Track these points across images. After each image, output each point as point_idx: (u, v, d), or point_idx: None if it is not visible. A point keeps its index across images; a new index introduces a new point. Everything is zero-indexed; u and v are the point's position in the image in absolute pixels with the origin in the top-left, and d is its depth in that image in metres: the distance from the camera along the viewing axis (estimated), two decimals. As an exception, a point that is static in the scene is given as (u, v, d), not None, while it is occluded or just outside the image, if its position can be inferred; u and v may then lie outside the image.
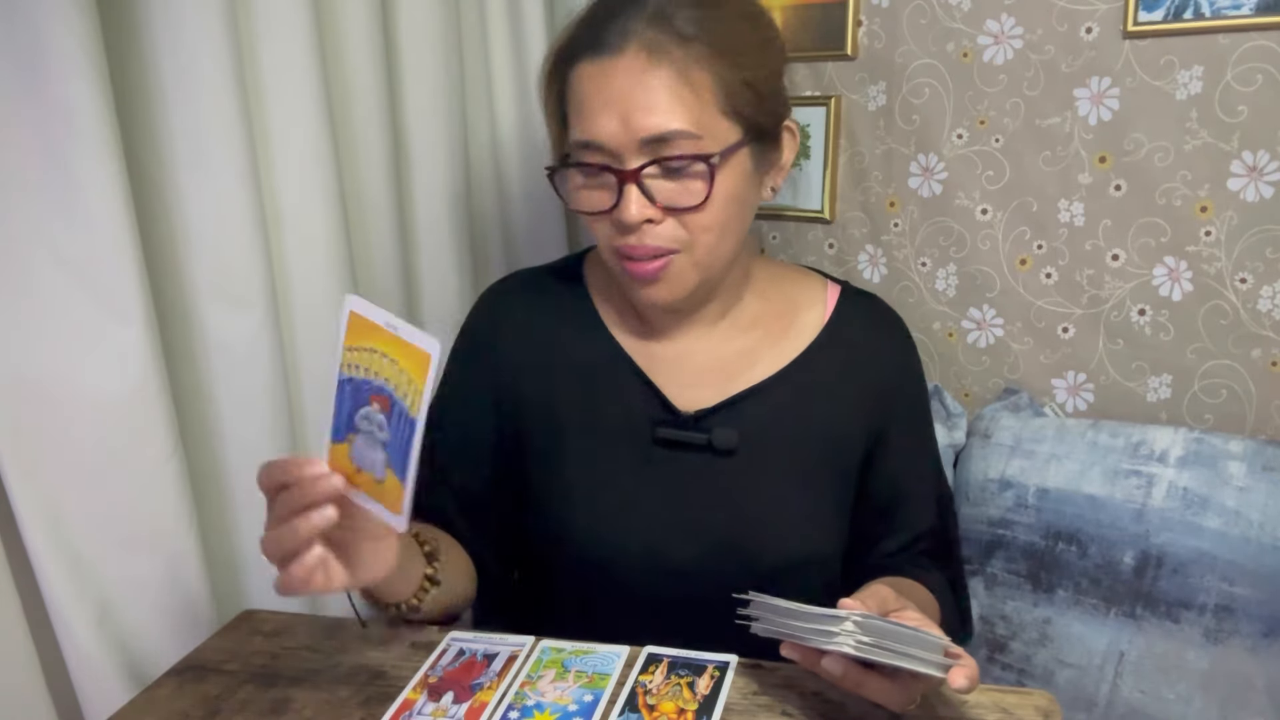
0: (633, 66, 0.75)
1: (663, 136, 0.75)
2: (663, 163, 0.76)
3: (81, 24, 0.68)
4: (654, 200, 0.77)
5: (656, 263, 0.79)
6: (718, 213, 0.78)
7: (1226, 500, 0.99)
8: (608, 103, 0.76)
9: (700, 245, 0.80)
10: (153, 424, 0.78)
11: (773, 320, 0.91)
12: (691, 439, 0.85)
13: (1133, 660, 1.01)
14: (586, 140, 0.77)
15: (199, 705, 0.72)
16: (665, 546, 0.85)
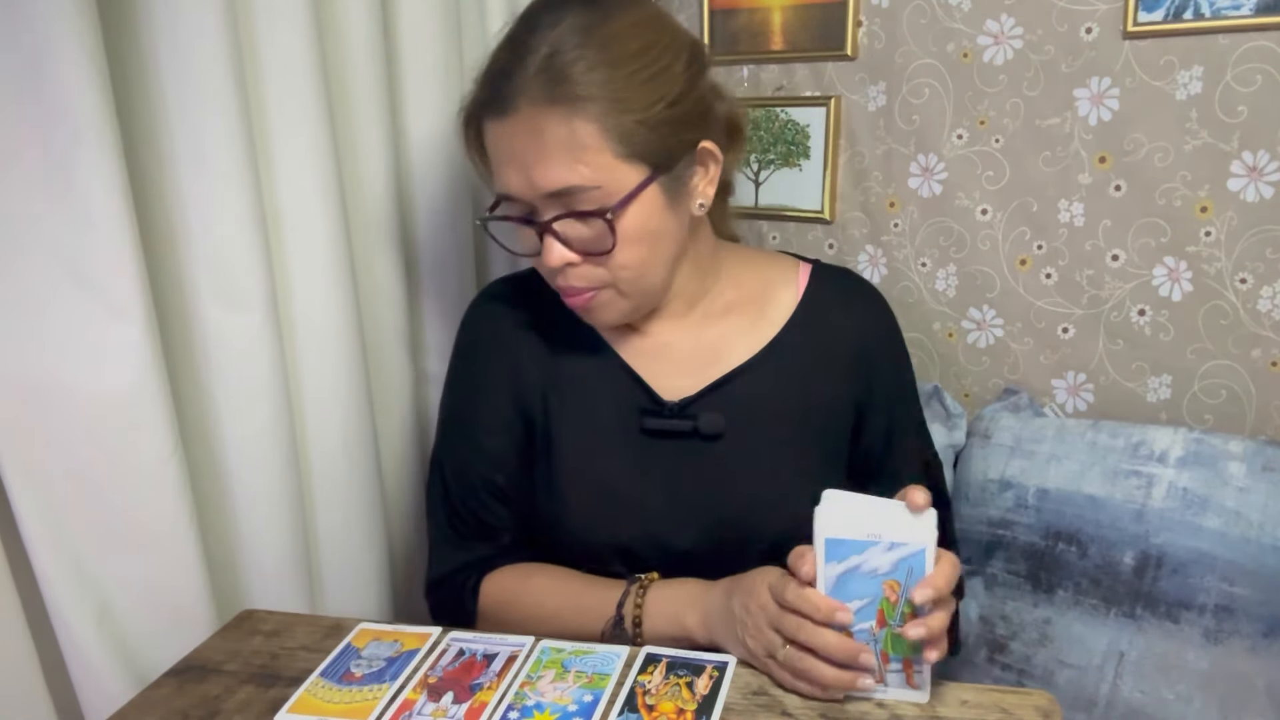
0: (523, 126, 0.77)
1: (561, 192, 0.78)
2: (571, 216, 0.79)
3: (81, 24, 0.68)
4: (570, 245, 0.80)
5: (584, 296, 0.84)
6: (630, 254, 0.81)
7: (1226, 500, 0.99)
8: (509, 160, 0.79)
9: (622, 281, 0.83)
10: (152, 424, 0.78)
11: (747, 304, 0.93)
12: (678, 427, 0.87)
13: (1133, 660, 1.01)
14: (502, 194, 0.82)
15: (199, 705, 0.72)
16: (665, 533, 0.86)
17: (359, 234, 1.02)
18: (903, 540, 0.68)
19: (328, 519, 0.99)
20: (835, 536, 0.69)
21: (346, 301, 0.96)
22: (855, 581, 0.69)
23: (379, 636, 0.79)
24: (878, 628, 0.70)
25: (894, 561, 0.68)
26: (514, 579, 0.90)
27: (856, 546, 0.69)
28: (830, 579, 0.70)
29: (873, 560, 0.69)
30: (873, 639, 0.70)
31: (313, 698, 0.71)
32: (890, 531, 0.68)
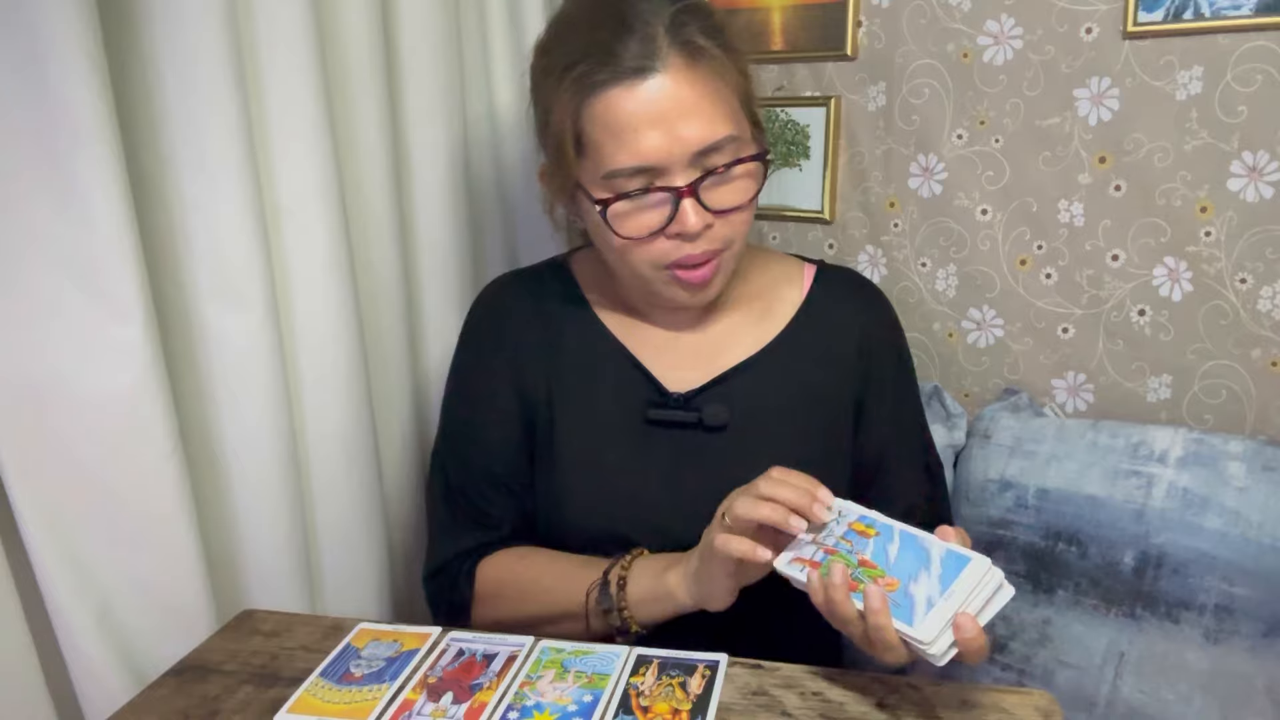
0: (669, 85, 0.76)
1: (715, 145, 0.78)
2: (717, 172, 0.79)
3: (81, 24, 0.68)
4: (708, 207, 0.80)
5: (710, 265, 0.83)
6: (752, 208, 0.84)
7: (1226, 500, 0.99)
8: (652, 123, 0.76)
9: (739, 239, 0.84)
10: (152, 424, 0.78)
11: (753, 301, 0.94)
12: (683, 418, 0.88)
13: (1133, 660, 1.01)
14: (637, 166, 0.77)
15: (199, 705, 0.72)
16: (667, 523, 0.86)
17: (359, 234, 1.02)
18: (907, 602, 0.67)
19: (327, 518, 0.99)
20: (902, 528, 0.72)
21: (346, 301, 0.96)
22: (905, 553, 0.70)
23: (379, 636, 0.79)
24: (827, 550, 0.71)
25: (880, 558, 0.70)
26: (510, 559, 0.91)
27: (922, 557, 0.70)
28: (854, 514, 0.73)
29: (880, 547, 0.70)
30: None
31: (312, 698, 0.71)
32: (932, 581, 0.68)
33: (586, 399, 0.91)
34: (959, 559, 0.69)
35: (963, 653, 0.65)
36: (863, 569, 0.69)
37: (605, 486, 0.89)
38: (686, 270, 0.82)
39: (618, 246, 0.82)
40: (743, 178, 0.81)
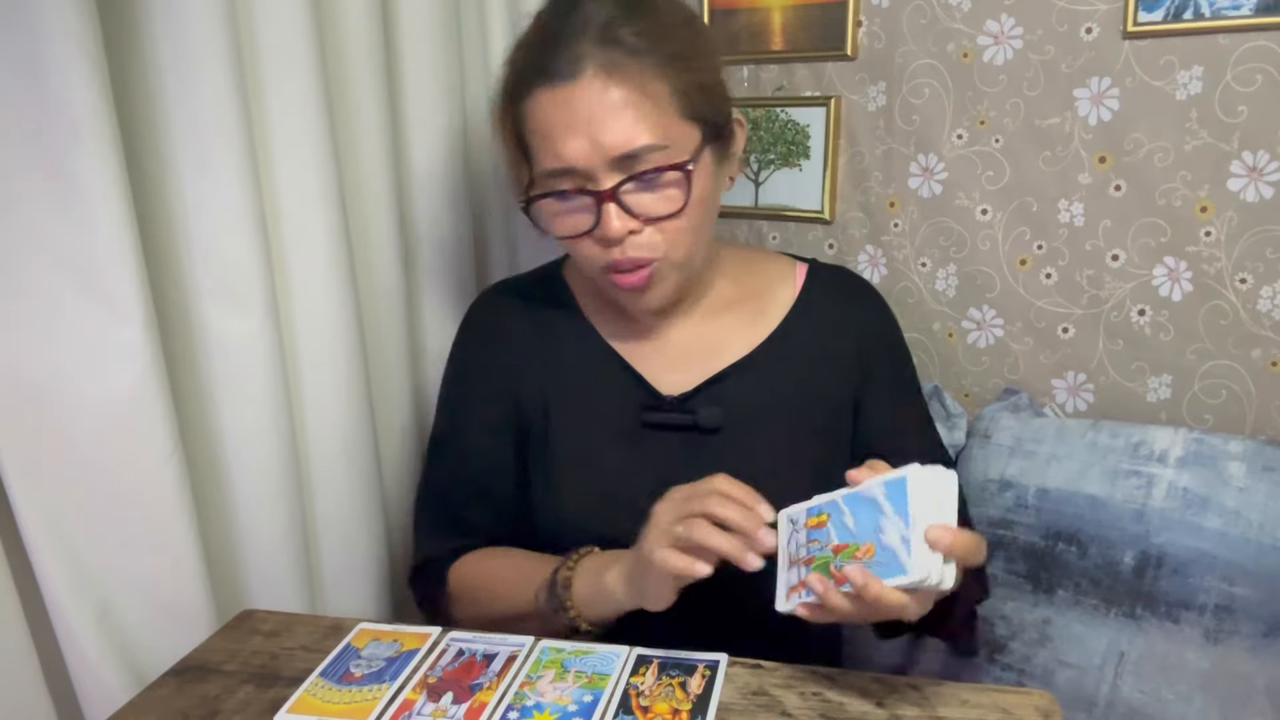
0: (591, 88, 0.77)
1: (633, 153, 0.77)
2: (638, 178, 0.78)
3: (81, 24, 0.68)
4: (633, 213, 0.79)
5: (641, 272, 0.82)
6: (693, 216, 0.81)
7: (1226, 500, 0.99)
8: (572, 127, 0.77)
9: (679, 248, 0.83)
10: (153, 424, 0.78)
11: (746, 301, 0.93)
12: (677, 420, 0.88)
13: (1133, 660, 1.01)
14: (558, 168, 0.79)
15: (199, 705, 0.72)
16: None
17: (359, 234, 1.02)
18: (913, 564, 0.64)
19: (327, 519, 0.99)
20: (908, 489, 0.66)
21: (346, 301, 0.96)
22: (859, 514, 0.68)
23: (378, 636, 0.79)
24: (805, 562, 0.70)
25: (893, 544, 0.66)
26: (478, 558, 0.92)
27: (873, 506, 0.67)
28: (842, 494, 0.71)
29: (891, 525, 0.66)
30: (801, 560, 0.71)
31: (312, 698, 0.71)
32: (900, 526, 0.65)
33: (582, 405, 0.91)
34: (896, 485, 0.67)
35: (958, 558, 0.65)
36: (841, 555, 0.68)
37: (603, 490, 0.88)
38: (618, 275, 0.82)
39: (562, 243, 0.85)
40: (670, 186, 0.79)
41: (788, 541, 0.73)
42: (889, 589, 0.64)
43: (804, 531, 0.72)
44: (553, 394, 0.92)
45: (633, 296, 0.85)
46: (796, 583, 0.70)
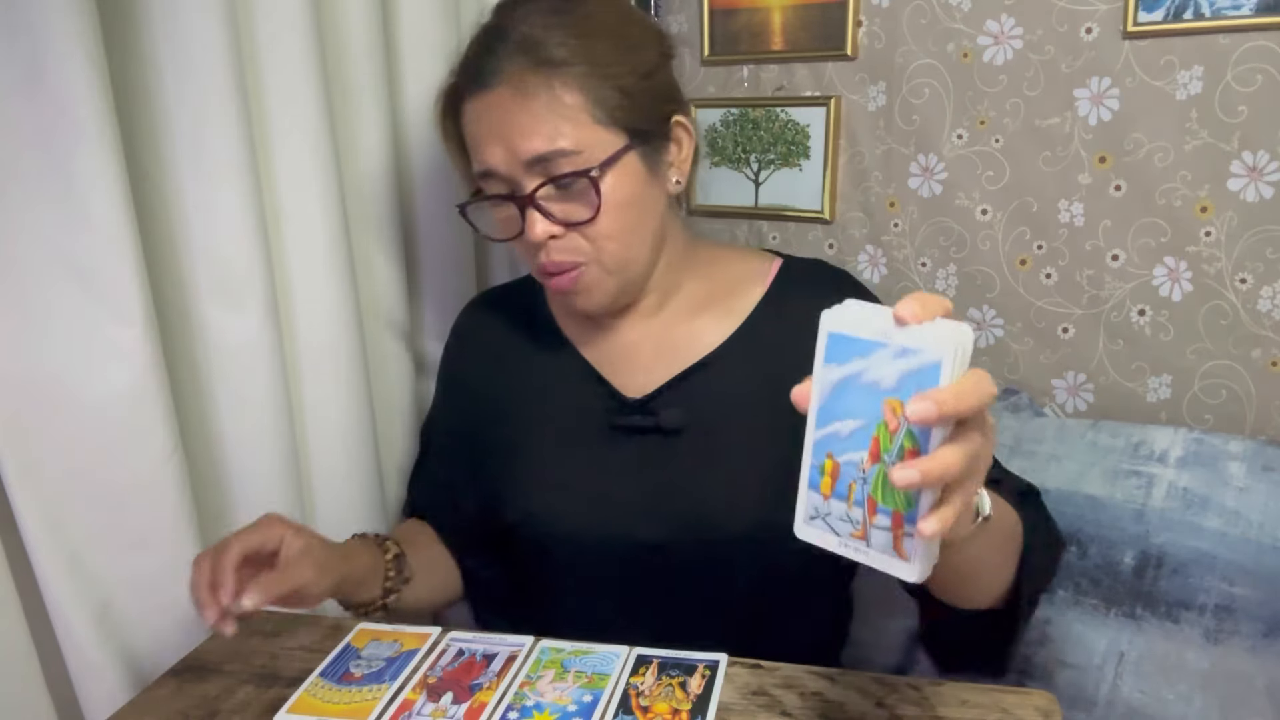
0: (505, 97, 0.79)
1: (543, 157, 0.78)
2: (553, 182, 0.79)
3: (81, 24, 0.68)
4: (553, 218, 0.81)
5: (569, 275, 0.83)
6: (614, 221, 0.82)
7: (1226, 500, 0.99)
8: (490, 133, 0.80)
9: (606, 253, 0.83)
10: (152, 424, 0.78)
11: (716, 300, 0.92)
12: (640, 423, 0.88)
13: (1133, 660, 1.01)
14: (482, 169, 0.82)
15: (199, 705, 0.72)
16: (634, 528, 0.86)
17: (359, 234, 1.02)
18: (914, 347, 0.50)
19: (327, 519, 0.99)
20: (841, 332, 0.54)
21: (346, 301, 0.96)
22: (853, 394, 0.53)
23: (378, 637, 0.79)
24: (868, 462, 0.53)
25: (899, 375, 0.51)
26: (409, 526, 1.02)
27: (863, 347, 0.53)
28: (826, 385, 0.54)
29: (877, 368, 0.52)
30: (860, 477, 0.53)
31: (312, 698, 0.71)
32: (903, 335, 0.51)
33: (548, 411, 0.92)
34: (832, 346, 0.54)
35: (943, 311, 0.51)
36: (885, 450, 0.53)
37: (571, 493, 0.89)
38: (549, 278, 0.84)
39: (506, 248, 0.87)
40: (583, 193, 0.80)
41: (844, 519, 0.55)
42: (950, 397, 0.48)
43: (839, 502, 0.55)
44: (519, 403, 0.93)
45: (567, 299, 0.86)
46: (894, 524, 0.53)
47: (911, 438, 0.51)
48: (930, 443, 0.50)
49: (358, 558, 0.83)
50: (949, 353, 0.49)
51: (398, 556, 0.88)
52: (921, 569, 0.52)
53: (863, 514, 0.53)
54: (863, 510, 0.53)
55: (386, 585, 0.86)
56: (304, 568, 0.74)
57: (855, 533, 0.54)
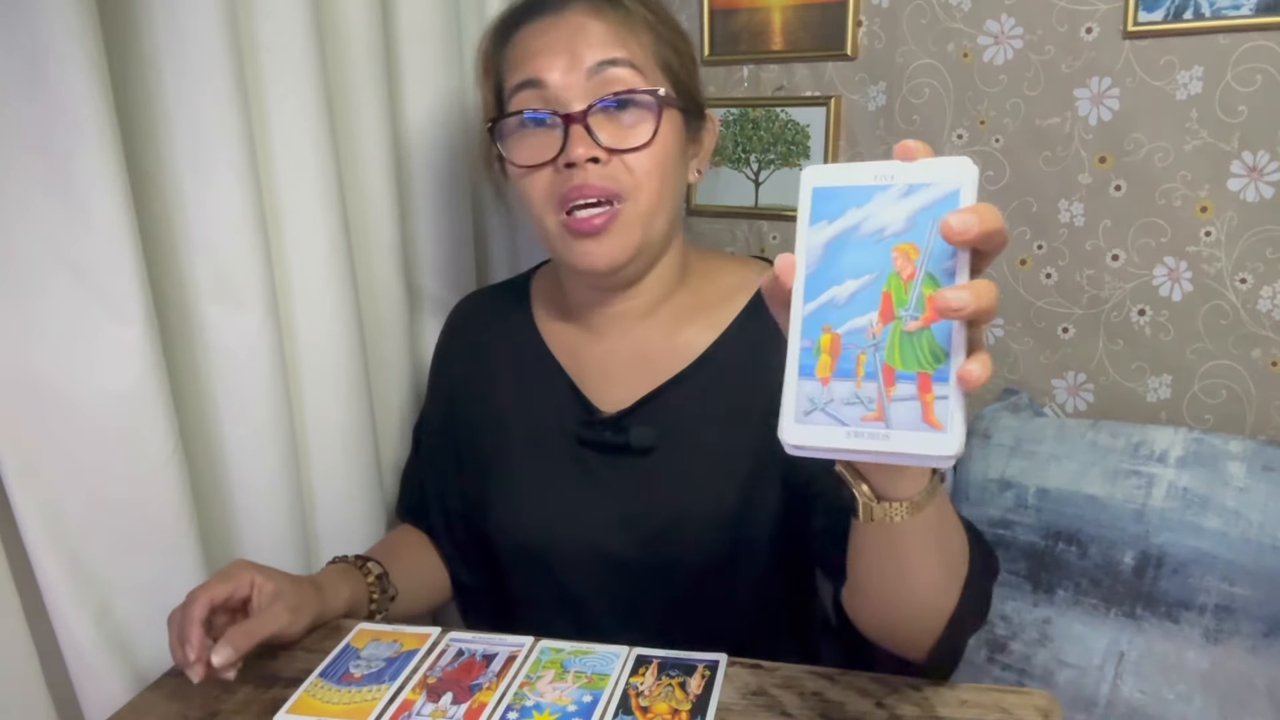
0: (574, 20, 0.79)
1: (611, 60, 0.77)
2: (613, 101, 0.78)
3: (81, 24, 0.68)
4: (599, 142, 0.78)
5: (602, 212, 0.78)
6: (660, 158, 0.80)
7: (1226, 500, 0.99)
8: (551, 47, 0.79)
9: (644, 192, 0.79)
10: (153, 424, 0.78)
11: (698, 312, 0.89)
12: (610, 440, 0.86)
13: (1133, 660, 1.01)
14: (528, 79, 0.79)
15: (199, 705, 0.72)
16: (603, 543, 0.86)
17: (359, 234, 1.02)
18: (923, 181, 0.45)
19: (327, 519, 0.99)
20: (828, 185, 0.47)
21: (346, 301, 0.96)
22: (851, 250, 0.46)
23: (378, 637, 0.79)
24: (879, 324, 0.46)
25: (909, 215, 0.45)
26: (399, 533, 1.02)
27: (857, 195, 0.47)
28: (815, 248, 0.47)
29: (880, 213, 0.46)
30: (871, 344, 0.46)
31: (312, 698, 0.71)
32: (907, 173, 0.46)
33: (525, 421, 0.91)
34: (818, 201, 0.48)
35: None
36: (897, 303, 0.46)
37: (541, 507, 0.89)
38: (580, 218, 0.78)
39: (518, 183, 0.83)
40: (640, 119, 0.79)
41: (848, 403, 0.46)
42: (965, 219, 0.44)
43: (844, 382, 0.46)
44: (497, 409, 0.93)
45: (588, 248, 0.80)
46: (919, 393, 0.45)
47: (932, 282, 0.44)
48: (957, 280, 0.44)
49: (334, 590, 0.83)
50: (968, 180, 0.45)
51: (380, 577, 0.87)
52: (960, 438, 0.44)
53: (877, 388, 0.45)
54: (877, 384, 0.45)
55: (371, 608, 0.86)
56: (277, 612, 0.75)
57: (869, 414, 0.45)
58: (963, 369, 0.44)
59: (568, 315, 0.93)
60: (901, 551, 0.61)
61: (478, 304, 1.01)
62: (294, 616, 0.76)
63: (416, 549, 0.99)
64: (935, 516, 0.59)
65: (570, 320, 0.92)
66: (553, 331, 0.93)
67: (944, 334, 0.44)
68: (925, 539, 0.61)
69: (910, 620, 0.67)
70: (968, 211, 0.43)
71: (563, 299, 0.93)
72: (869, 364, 0.45)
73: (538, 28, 0.80)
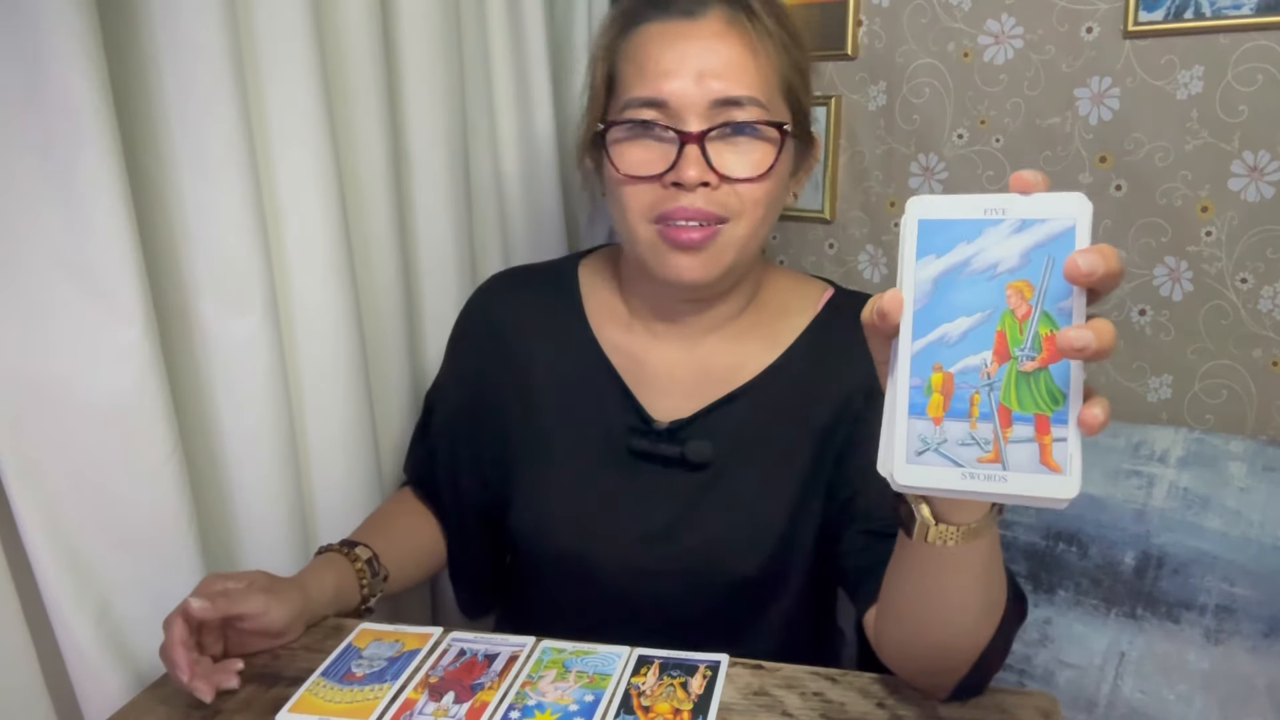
0: (709, 31, 0.76)
1: (736, 100, 0.76)
2: (732, 126, 0.76)
3: (81, 24, 0.67)
4: (713, 166, 0.76)
5: (704, 231, 0.77)
6: (771, 188, 0.79)
7: (1227, 500, 0.99)
8: (681, 62, 0.76)
9: (748, 219, 0.79)
10: (152, 424, 0.77)
11: (759, 327, 0.88)
12: (665, 452, 0.85)
13: (1133, 661, 1.01)
14: (651, 98, 0.77)
15: (199, 706, 0.72)
16: (637, 554, 0.85)
17: (359, 233, 1.02)
18: (1042, 216, 0.44)
19: (327, 519, 0.99)
20: (936, 217, 0.46)
21: (346, 301, 0.96)
22: (962, 287, 0.45)
23: (380, 637, 0.79)
24: (994, 364, 0.45)
25: (1026, 250, 0.44)
26: (397, 498, 1.01)
27: (967, 229, 0.45)
28: (923, 283, 0.46)
29: (992, 248, 0.45)
30: (985, 384, 0.45)
31: (314, 697, 0.71)
32: (1020, 207, 0.44)
33: (571, 420, 0.89)
34: (926, 234, 0.47)
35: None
36: (1012, 344, 0.45)
37: (582, 511, 0.87)
38: (677, 229, 0.77)
39: (616, 188, 0.80)
40: (759, 149, 0.77)
41: (962, 444, 0.46)
42: (1085, 260, 0.43)
43: (958, 422, 0.46)
44: (541, 401, 0.90)
45: (682, 262, 0.78)
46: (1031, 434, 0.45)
47: (1048, 321, 0.43)
48: (1074, 320, 0.43)
49: (317, 582, 0.82)
50: (1084, 216, 0.44)
51: (369, 561, 0.86)
52: (1079, 481, 0.43)
53: (993, 429, 0.44)
54: (993, 424, 0.44)
55: (364, 592, 0.86)
56: (250, 594, 0.74)
57: (985, 456, 0.45)
58: (1085, 413, 0.43)
59: (626, 315, 0.90)
60: (946, 578, 0.61)
61: (516, 281, 0.97)
62: (269, 599, 0.75)
63: (410, 519, 0.97)
64: (987, 548, 0.59)
65: (628, 321, 0.90)
66: (606, 329, 0.90)
67: (1062, 375, 0.44)
68: (973, 569, 0.60)
69: (939, 651, 0.66)
70: (1093, 252, 0.43)
71: (621, 296, 0.91)
72: (984, 404, 0.45)
73: (666, 32, 0.77)
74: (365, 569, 0.86)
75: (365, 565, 0.86)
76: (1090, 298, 0.44)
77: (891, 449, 0.47)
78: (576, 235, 1.38)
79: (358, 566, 0.86)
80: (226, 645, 0.76)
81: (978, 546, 0.57)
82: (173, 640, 0.70)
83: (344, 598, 0.84)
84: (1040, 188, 0.45)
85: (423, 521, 0.98)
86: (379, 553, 0.88)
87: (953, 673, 0.66)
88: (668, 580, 0.85)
